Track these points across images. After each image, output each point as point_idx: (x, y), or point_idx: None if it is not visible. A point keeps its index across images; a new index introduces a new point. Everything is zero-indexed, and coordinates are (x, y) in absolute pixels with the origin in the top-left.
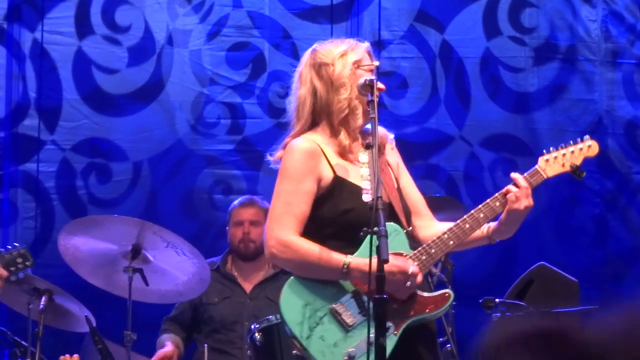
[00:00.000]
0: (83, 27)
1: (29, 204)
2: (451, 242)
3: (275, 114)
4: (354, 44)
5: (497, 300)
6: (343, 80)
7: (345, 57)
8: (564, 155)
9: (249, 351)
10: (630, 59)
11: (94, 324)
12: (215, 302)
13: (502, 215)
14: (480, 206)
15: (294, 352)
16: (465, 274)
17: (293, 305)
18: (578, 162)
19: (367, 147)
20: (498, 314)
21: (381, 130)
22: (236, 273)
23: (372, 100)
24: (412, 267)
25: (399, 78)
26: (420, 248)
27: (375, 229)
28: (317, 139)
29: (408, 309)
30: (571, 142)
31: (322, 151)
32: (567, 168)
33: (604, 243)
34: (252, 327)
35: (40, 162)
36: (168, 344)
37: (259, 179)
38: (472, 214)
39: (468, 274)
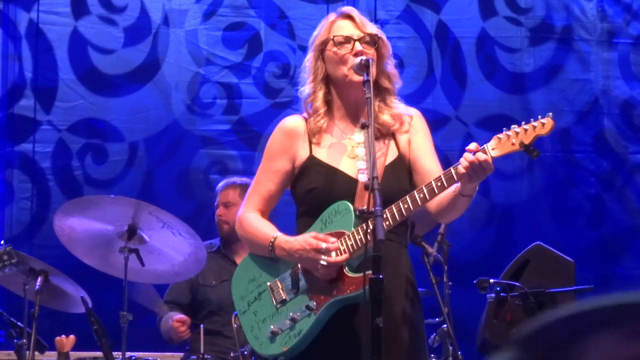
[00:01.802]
0: (79, 7)
1: (25, 185)
2: (387, 222)
3: (271, 94)
4: (325, 22)
5: (491, 280)
6: (305, 72)
7: (314, 43)
8: (517, 133)
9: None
10: (626, 38)
11: (90, 305)
12: (213, 284)
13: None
14: (423, 186)
15: (235, 325)
16: (462, 254)
17: (240, 279)
18: (527, 140)
19: (363, 126)
20: (493, 295)
21: (400, 109)
22: (235, 255)
23: (368, 80)
24: (324, 244)
25: (394, 58)
26: (358, 227)
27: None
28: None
29: (332, 288)
30: (532, 119)
31: (309, 129)
32: (517, 146)
33: (600, 223)
34: None
35: (36, 142)
36: (179, 314)
37: (255, 159)
38: (412, 194)
39: (464, 254)
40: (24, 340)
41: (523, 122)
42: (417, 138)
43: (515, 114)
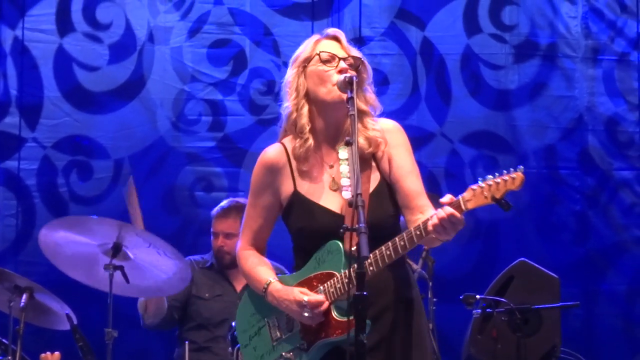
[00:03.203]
0: (64, 25)
1: (10, 202)
2: (371, 268)
3: (256, 111)
4: (309, 41)
5: (477, 296)
6: (289, 87)
7: (297, 60)
8: (489, 186)
9: (230, 348)
10: (611, 55)
11: (75, 322)
12: (206, 297)
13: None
14: (403, 233)
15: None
16: (446, 270)
17: (243, 312)
18: (498, 195)
19: (347, 144)
20: (479, 310)
21: (377, 125)
22: (232, 277)
23: (352, 97)
24: (307, 297)
25: (379, 75)
26: (345, 271)
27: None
28: (289, 146)
29: (321, 330)
30: (504, 172)
31: (289, 161)
32: (489, 200)
33: (585, 239)
34: (233, 324)
35: (22, 159)
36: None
37: (240, 176)
38: (394, 240)
39: (449, 270)
40: (9, 358)
41: (496, 174)
42: (396, 156)
43: (500, 130)
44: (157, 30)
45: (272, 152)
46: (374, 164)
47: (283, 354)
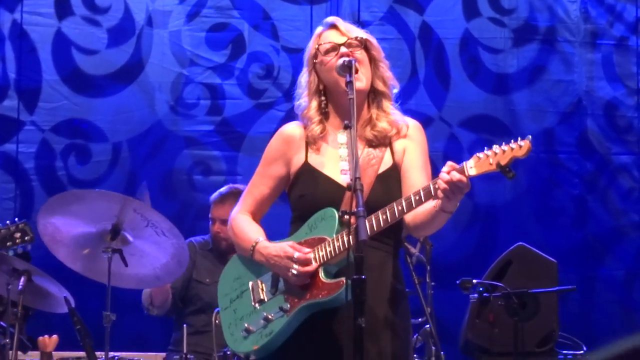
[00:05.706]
0: (62, 8)
1: (8, 185)
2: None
3: (254, 95)
4: (313, 37)
5: (474, 280)
6: (300, 87)
7: (306, 59)
8: (495, 153)
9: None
10: (610, 39)
11: (73, 305)
12: (207, 282)
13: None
14: (402, 199)
15: (217, 321)
16: (444, 254)
17: (227, 277)
18: (504, 161)
19: (346, 127)
20: (475, 295)
21: (396, 116)
22: (230, 256)
23: (351, 81)
24: (297, 254)
25: None
26: (339, 234)
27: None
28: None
29: (306, 292)
30: (512, 140)
31: (307, 137)
32: (493, 167)
33: (583, 224)
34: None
35: (20, 142)
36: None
37: (238, 160)
38: (392, 205)
39: (447, 254)
40: (7, 340)
41: (503, 142)
42: (411, 149)
43: (499, 114)
44: (156, 14)
45: (291, 126)
46: (389, 150)
47: (264, 313)
